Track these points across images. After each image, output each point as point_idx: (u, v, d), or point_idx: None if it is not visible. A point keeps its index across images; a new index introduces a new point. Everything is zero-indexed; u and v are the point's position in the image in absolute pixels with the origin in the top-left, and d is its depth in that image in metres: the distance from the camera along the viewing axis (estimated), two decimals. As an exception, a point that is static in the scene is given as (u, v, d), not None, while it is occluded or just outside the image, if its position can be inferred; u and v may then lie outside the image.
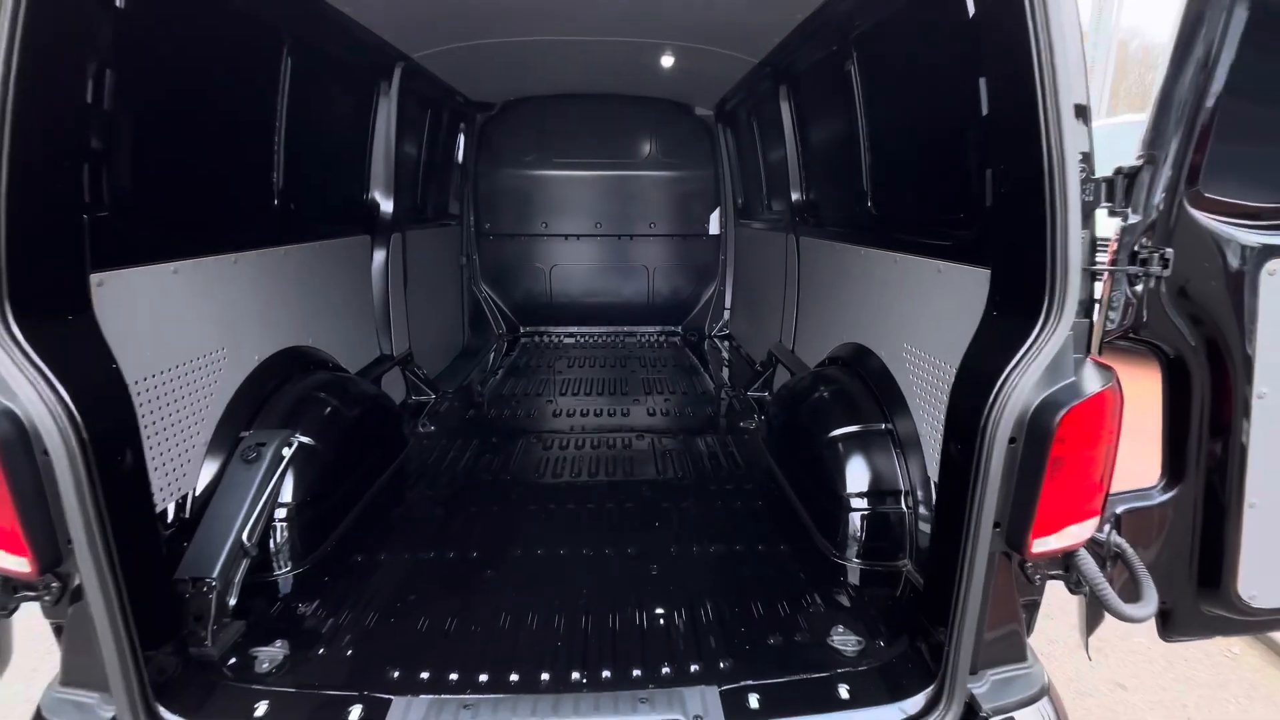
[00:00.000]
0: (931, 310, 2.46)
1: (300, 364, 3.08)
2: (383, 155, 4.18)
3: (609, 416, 4.25)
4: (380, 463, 3.26)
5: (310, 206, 3.38)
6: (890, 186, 2.98)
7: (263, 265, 2.90)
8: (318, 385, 2.98)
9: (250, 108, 2.81)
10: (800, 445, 3.03)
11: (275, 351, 2.95)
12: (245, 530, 2.24)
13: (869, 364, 3.00)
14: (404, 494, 3.12)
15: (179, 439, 2.30)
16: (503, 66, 4.77)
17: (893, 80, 2.80)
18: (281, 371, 2.91)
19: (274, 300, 3.00)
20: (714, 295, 6.67)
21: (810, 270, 4.11)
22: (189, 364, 2.37)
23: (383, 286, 4.21)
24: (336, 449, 2.81)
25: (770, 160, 5.11)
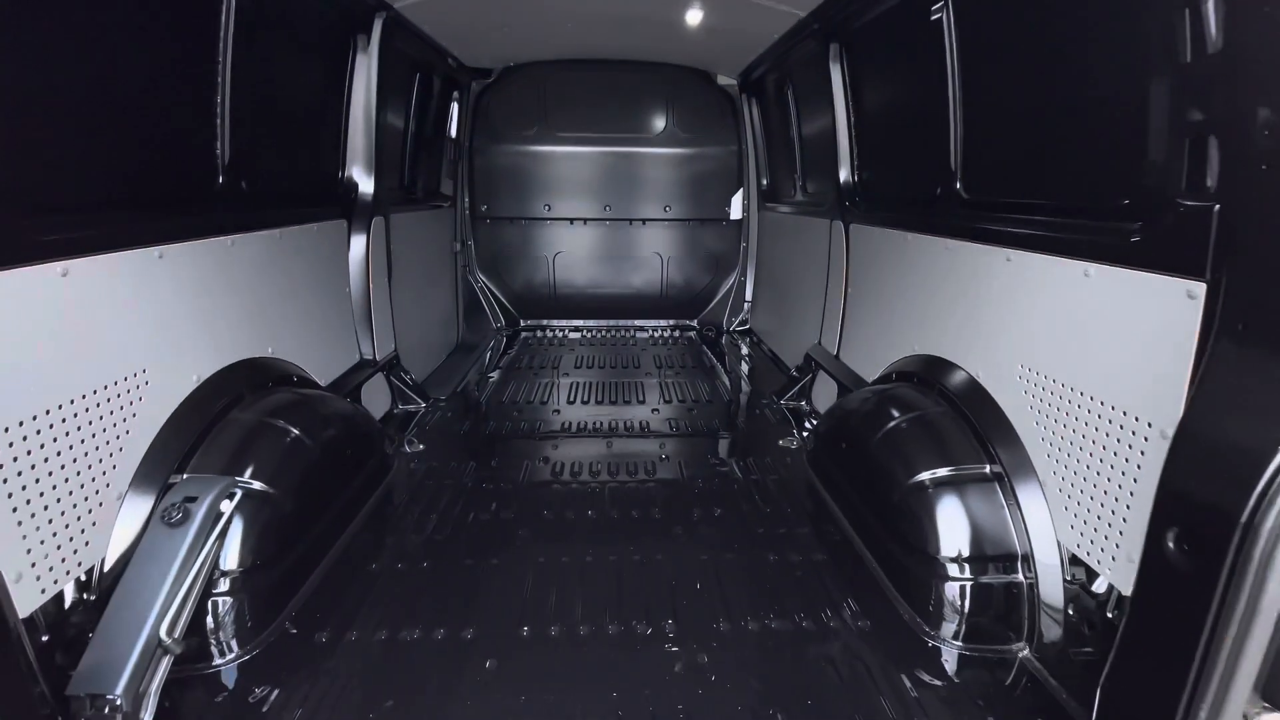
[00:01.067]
0: (1076, 328, 1.88)
1: (256, 381, 2.50)
2: (362, 125, 3.54)
3: (624, 435, 3.68)
4: (356, 500, 2.70)
5: (269, 185, 2.77)
6: (997, 162, 2.38)
7: (203, 260, 2.30)
8: (275, 409, 2.39)
9: (179, 58, 2.18)
10: (872, 485, 2.47)
11: (222, 368, 2.37)
12: (165, 620, 1.68)
13: (956, 385, 2.43)
14: (384, 540, 2.56)
15: (77, 495, 1.72)
16: (499, 22, 4.11)
17: (1014, 22, 2.18)
18: (229, 393, 2.32)
19: (220, 303, 2.40)
20: (734, 287, 6.07)
21: (863, 263, 3.52)
22: (92, 395, 1.78)
23: (363, 279, 3.60)
24: (298, 493, 2.24)
25: (810, 135, 4.48)
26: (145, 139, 2.05)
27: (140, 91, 2.00)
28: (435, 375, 4.79)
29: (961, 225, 2.49)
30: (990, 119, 2.37)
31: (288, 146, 2.96)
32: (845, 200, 3.70)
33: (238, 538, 2.02)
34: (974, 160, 2.48)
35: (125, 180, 1.97)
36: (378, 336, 3.73)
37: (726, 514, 2.77)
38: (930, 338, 2.73)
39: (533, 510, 2.77)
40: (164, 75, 2.10)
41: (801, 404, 4.10)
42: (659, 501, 2.86)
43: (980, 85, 2.39)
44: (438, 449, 3.44)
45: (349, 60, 3.39)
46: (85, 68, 1.79)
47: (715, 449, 3.44)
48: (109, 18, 1.88)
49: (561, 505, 2.82)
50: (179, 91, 2.18)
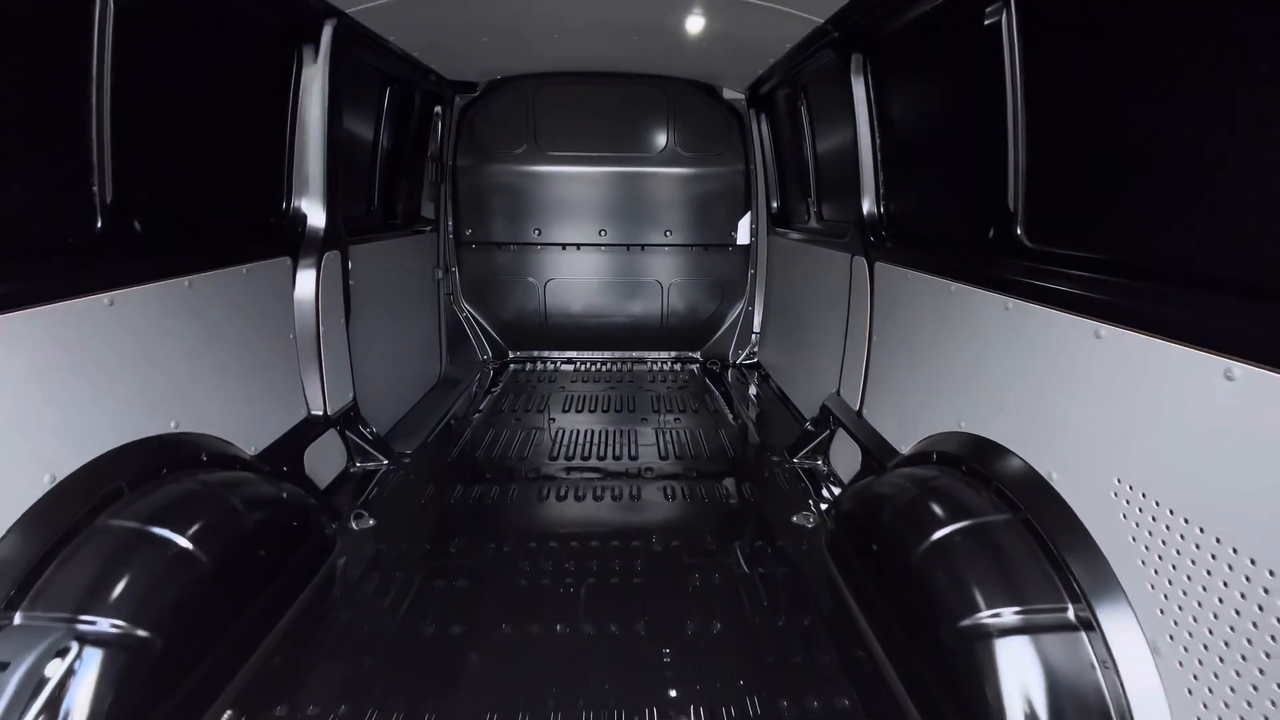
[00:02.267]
0: (1205, 446, 1.36)
1: (148, 468, 2.02)
2: (313, 148, 3.08)
3: (612, 503, 3.17)
4: (273, 609, 2.20)
5: (176, 226, 2.31)
6: (1079, 205, 1.86)
7: (64, 327, 1.82)
8: (159, 510, 1.91)
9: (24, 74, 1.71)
10: (915, 613, 1.95)
11: (94, 459, 1.89)
12: None
13: (1017, 482, 1.91)
14: (302, 669, 2.05)
15: None
16: (477, 32, 3.65)
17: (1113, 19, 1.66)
18: (100, 492, 1.84)
19: (93, 377, 1.92)
20: (740, 317, 5.57)
21: (891, 310, 3.00)
22: None
23: (310, 323, 3.12)
24: (178, 627, 1.75)
25: (827, 156, 3.98)
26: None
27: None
28: (410, 417, 4.31)
29: (1025, 282, 1.96)
30: (1073, 149, 1.85)
31: (205, 177, 2.49)
32: (869, 234, 3.18)
33: (80, 701, 1.53)
34: (1042, 199, 1.96)
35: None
36: (330, 387, 3.25)
37: (729, 629, 2.24)
38: (980, 414, 2.20)
39: (488, 622, 2.25)
40: None
41: (818, 463, 3.57)
42: (648, 608, 2.33)
43: (1054, 105, 1.88)
44: (393, 524, 2.94)
45: (293, 74, 2.93)
46: None
47: (718, 527, 2.92)
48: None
49: (526, 613, 2.30)
50: (24, 116, 1.71)
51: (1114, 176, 1.71)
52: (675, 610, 2.32)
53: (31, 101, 1.72)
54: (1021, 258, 2.03)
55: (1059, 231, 1.90)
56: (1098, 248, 1.75)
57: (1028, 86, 1.92)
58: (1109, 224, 1.72)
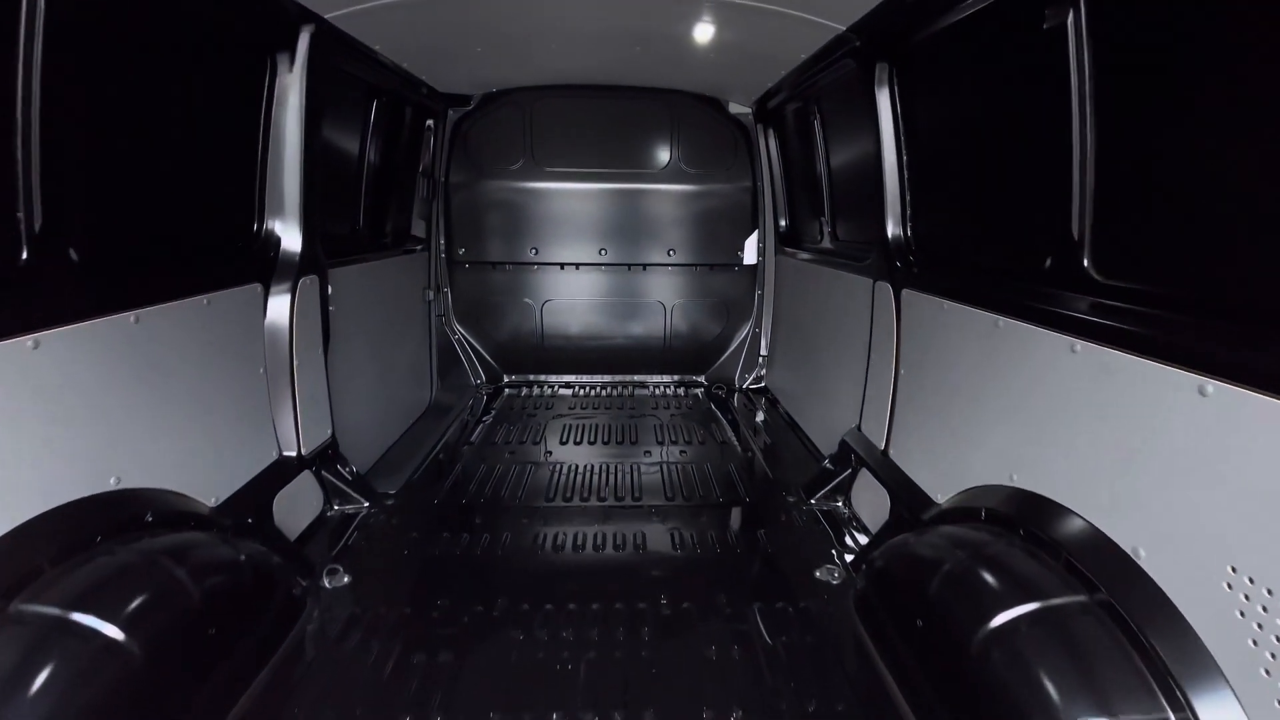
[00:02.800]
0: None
1: (78, 536, 1.73)
2: (287, 164, 2.82)
3: (613, 553, 2.88)
4: (224, 693, 1.89)
5: (119, 253, 2.03)
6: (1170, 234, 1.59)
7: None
8: (85, 590, 1.61)
9: None
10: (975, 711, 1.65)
11: (7, 532, 1.59)
12: None
13: (1093, 556, 1.63)
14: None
15: None
16: (471, 40, 3.42)
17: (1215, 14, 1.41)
18: (14, 571, 1.55)
19: (11, 434, 1.64)
20: (747, 339, 5.31)
21: (922, 342, 2.73)
22: None
23: (283, 355, 2.84)
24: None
25: (842, 173, 3.75)
26: None
27: None
28: (396, 449, 4.03)
29: (1097, 322, 1.70)
30: (1156, 170, 1.59)
31: (159, 199, 2.22)
32: (895, 259, 2.92)
33: None
34: (1116, 227, 1.70)
35: None
36: (305, 425, 2.96)
37: (749, 708, 1.94)
38: (1039, 469, 1.93)
39: (471, 711, 1.95)
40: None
41: (838, 504, 3.29)
42: (658, 692, 2.03)
43: (1133, 118, 1.62)
44: (371, 580, 2.64)
45: (265, 84, 2.68)
46: None
47: (733, 583, 2.62)
48: None
49: (518, 699, 2.00)
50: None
51: (1212, 202, 1.45)
52: (688, 693, 2.02)
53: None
54: (1090, 293, 1.76)
55: (1139, 265, 1.64)
56: (1193, 286, 1.49)
57: (1099, 97, 1.67)
58: (1208, 258, 1.46)
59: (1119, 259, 1.69)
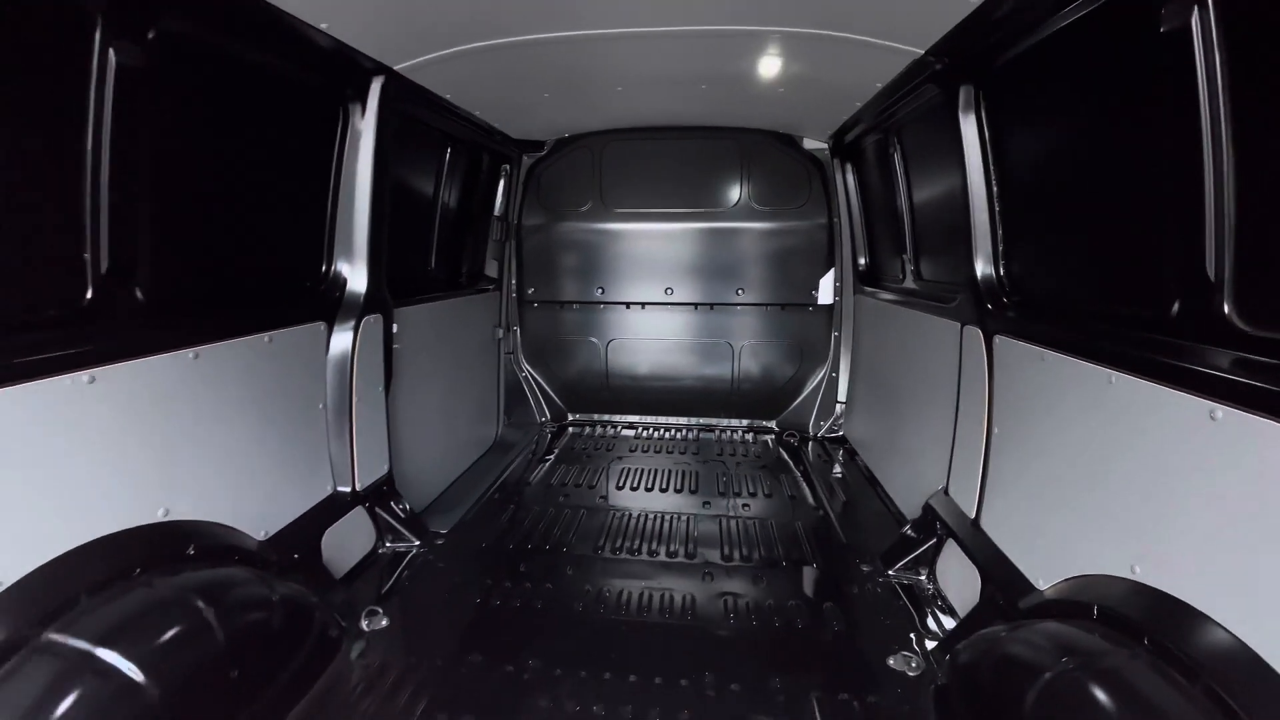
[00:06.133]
0: None
1: (113, 571, 1.76)
2: (358, 208, 2.93)
3: (659, 619, 2.65)
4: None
5: (183, 293, 2.13)
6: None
7: (27, 412, 1.62)
8: (113, 627, 1.62)
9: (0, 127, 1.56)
10: None
11: (49, 561, 1.64)
12: None
13: (1240, 683, 1.25)
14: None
15: None
16: (537, 87, 3.48)
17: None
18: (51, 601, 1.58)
19: (60, 466, 1.70)
20: (823, 384, 4.97)
21: (1019, 396, 2.37)
22: None
23: (342, 392, 2.90)
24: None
25: (925, 206, 3.45)
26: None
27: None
28: (458, 485, 4.03)
29: (1245, 383, 1.34)
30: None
31: (226, 241, 2.34)
32: (984, 300, 2.59)
33: None
34: (1265, 264, 1.36)
35: None
36: (361, 460, 3.00)
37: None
38: (1167, 563, 1.55)
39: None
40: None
41: (920, 578, 2.89)
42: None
43: None
44: (408, 626, 2.58)
45: (337, 132, 2.82)
46: None
47: (790, 666, 2.32)
48: None
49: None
50: None
51: None
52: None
53: (10, 163, 1.56)
54: (1232, 345, 1.41)
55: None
56: None
57: (1236, 107, 1.36)
58: None
59: (1270, 304, 1.34)
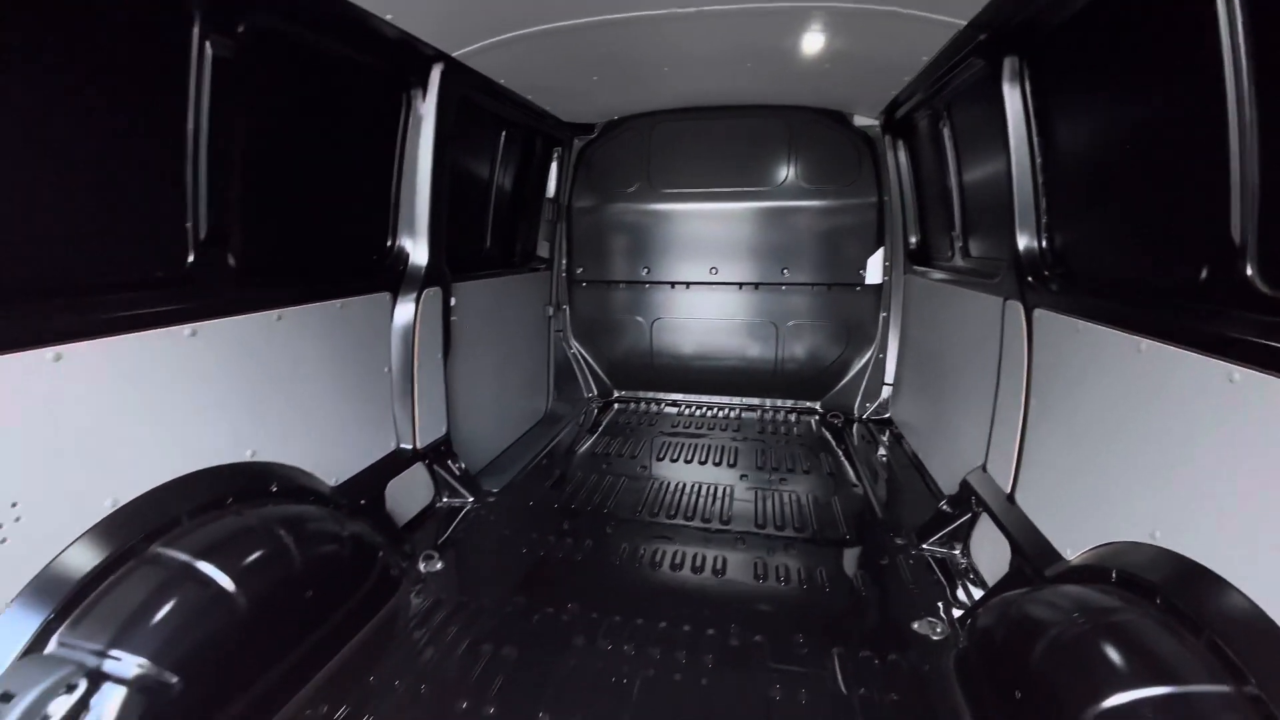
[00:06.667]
0: None
1: (215, 495, 2.04)
2: (418, 188, 3.17)
3: (692, 575, 2.78)
4: (313, 658, 2.10)
5: (269, 261, 2.40)
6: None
7: (143, 355, 1.90)
8: (211, 544, 1.89)
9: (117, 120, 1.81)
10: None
11: (159, 485, 1.93)
12: None
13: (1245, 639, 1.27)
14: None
15: None
16: (586, 70, 3.61)
17: None
18: (160, 518, 1.87)
19: (167, 405, 1.99)
20: (869, 365, 4.93)
21: (1056, 370, 2.35)
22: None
23: (405, 358, 3.16)
24: (203, 669, 1.68)
25: (974, 183, 3.40)
26: (48, 216, 1.67)
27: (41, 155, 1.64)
28: (508, 453, 4.28)
29: (1262, 344, 1.34)
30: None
31: (304, 215, 2.60)
32: (1026, 273, 2.56)
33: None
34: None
35: (6, 265, 1.58)
36: (422, 421, 3.26)
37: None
38: (1187, 526, 1.55)
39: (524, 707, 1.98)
40: (88, 137, 1.75)
41: (954, 552, 2.91)
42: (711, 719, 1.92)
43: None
44: (461, 570, 2.82)
45: (402, 116, 3.04)
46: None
47: (814, 624, 2.41)
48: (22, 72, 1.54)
49: (569, 705, 1.99)
50: (114, 156, 1.82)
51: None
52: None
53: (126, 144, 1.83)
54: (1254, 308, 1.41)
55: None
56: None
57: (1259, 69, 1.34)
58: None
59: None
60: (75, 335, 1.69)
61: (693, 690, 2.06)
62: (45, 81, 1.61)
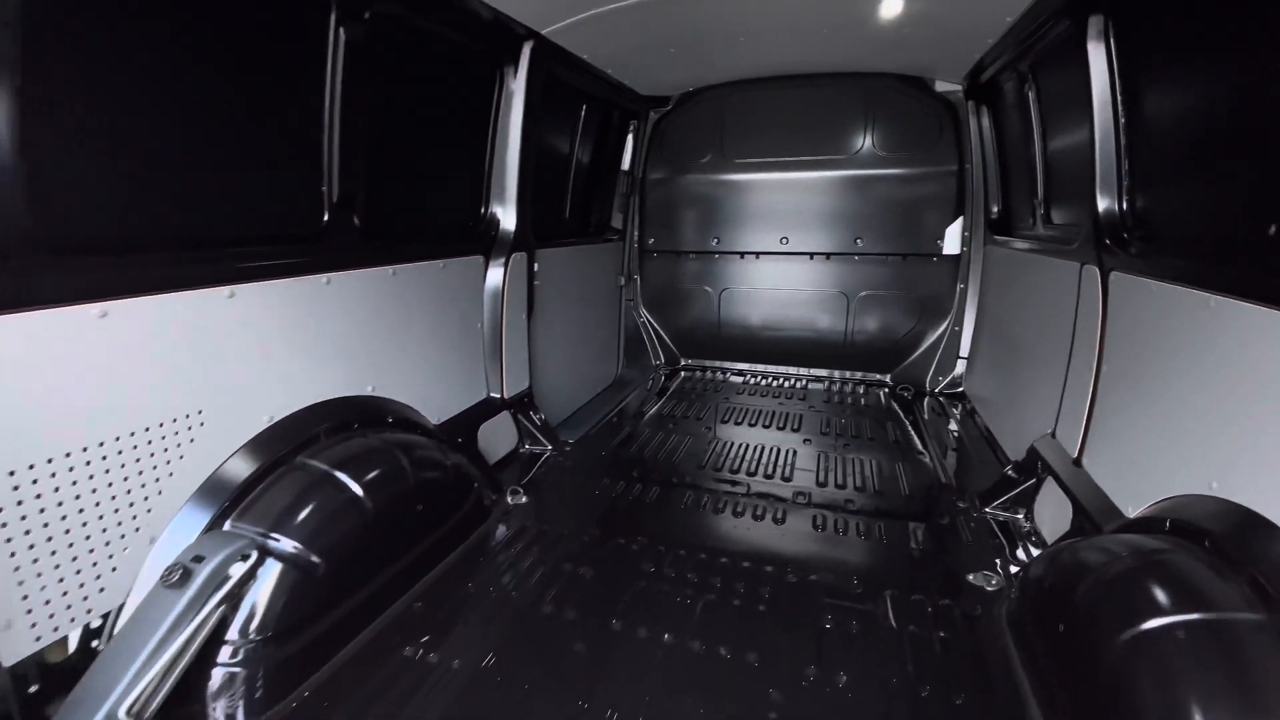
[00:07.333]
0: None
1: (345, 419, 2.41)
2: (509, 160, 3.45)
3: (751, 520, 2.96)
4: (422, 563, 2.46)
5: (385, 222, 2.73)
6: None
7: (291, 298, 2.27)
8: (345, 458, 2.25)
9: (273, 98, 2.16)
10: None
11: (304, 407, 2.31)
12: (131, 696, 1.52)
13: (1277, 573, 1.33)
14: (432, 623, 2.24)
15: (98, 539, 1.69)
16: (664, 43, 3.76)
17: None
18: (304, 434, 2.24)
19: (310, 341, 2.36)
20: (944, 338, 4.87)
21: (1129, 333, 2.34)
22: (128, 437, 1.75)
23: (495, 316, 3.48)
24: (338, 558, 2.04)
25: (1060, 149, 3.32)
26: (225, 178, 2.03)
27: (219, 128, 1.99)
28: (581, 411, 4.58)
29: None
30: None
31: (414, 183, 2.92)
32: (1104, 236, 2.53)
33: (257, 602, 1.86)
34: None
35: (195, 218, 1.95)
36: (509, 374, 3.59)
37: (855, 685, 1.92)
38: (1244, 477, 1.59)
39: (600, 613, 2.25)
40: (253, 112, 2.09)
41: (1017, 516, 2.94)
42: (764, 639, 2.12)
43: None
44: (543, 505, 3.13)
45: (496, 92, 3.32)
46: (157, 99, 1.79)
47: (869, 571, 2.55)
48: (198, 57, 1.89)
49: (638, 615, 2.25)
50: (270, 129, 2.17)
51: None
52: (796, 650, 2.07)
53: (278, 118, 2.18)
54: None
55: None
56: None
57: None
58: None
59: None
60: (243, 278, 2.06)
61: (750, 614, 2.26)
62: (222, 73, 1.95)
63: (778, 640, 2.12)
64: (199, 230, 1.96)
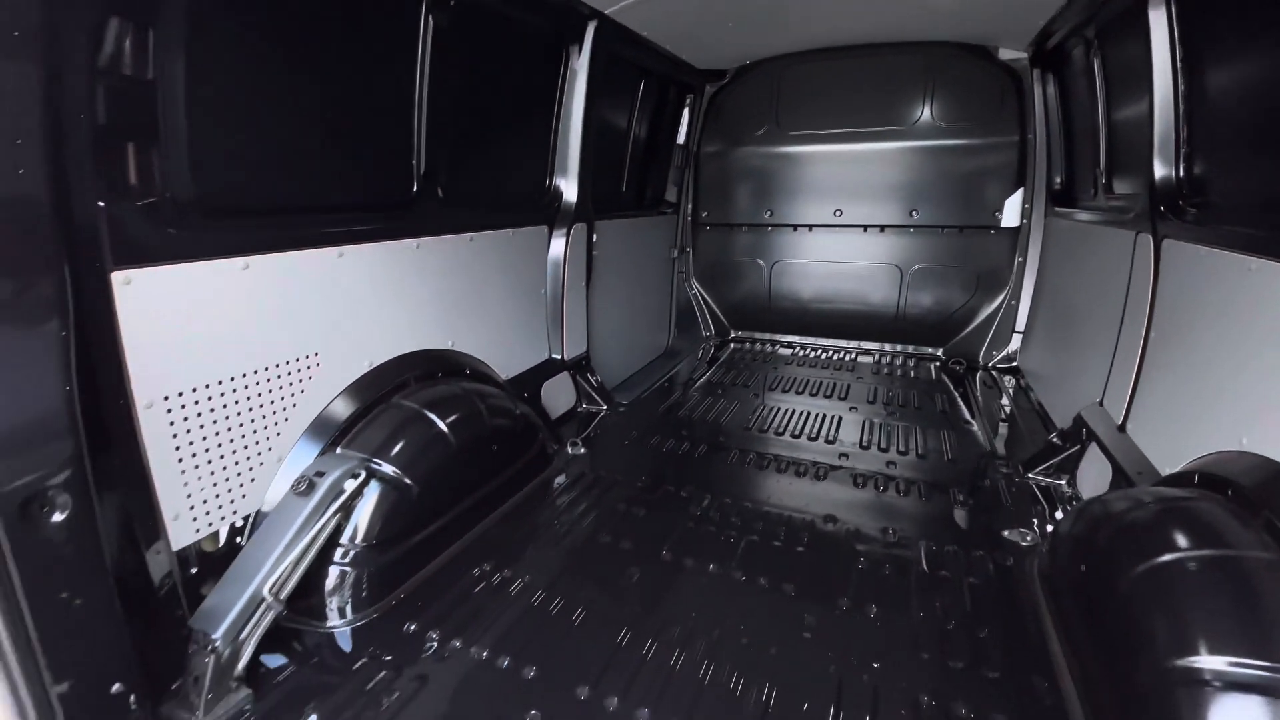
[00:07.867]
0: None
1: (429, 370, 2.73)
2: (572, 135, 3.67)
3: (795, 476, 3.14)
4: (496, 496, 2.77)
5: (466, 193, 3.00)
6: None
7: (387, 259, 2.57)
8: (432, 400, 2.57)
9: (375, 81, 2.44)
10: (1115, 649, 1.60)
11: (397, 356, 2.63)
12: (271, 579, 1.87)
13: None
14: (505, 548, 2.54)
15: (241, 455, 2.04)
16: (723, 17, 3.86)
17: None
18: (398, 379, 2.56)
19: (402, 298, 2.67)
20: (1000, 312, 4.84)
21: (1179, 300, 2.37)
22: (265, 371, 2.09)
23: (557, 283, 3.74)
24: (428, 483, 2.35)
25: (1123, 117, 3.26)
26: (336, 153, 2.34)
27: (332, 109, 2.28)
28: (634, 377, 4.82)
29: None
30: None
31: (488, 157, 3.18)
32: (1159, 204, 2.54)
33: (364, 515, 2.19)
34: None
35: (313, 188, 2.26)
36: (569, 337, 3.85)
37: (885, 616, 2.10)
38: (1272, 431, 1.66)
39: (651, 546, 2.50)
40: (359, 94, 2.38)
41: (1060, 482, 3.01)
42: (801, 573, 2.32)
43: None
44: (600, 456, 3.40)
45: (561, 71, 3.52)
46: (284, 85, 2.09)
47: (905, 521, 2.70)
48: (308, 44, 2.17)
49: (686, 548, 2.48)
50: (372, 109, 2.45)
51: None
52: (830, 584, 2.26)
53: (379, 99, 2.46)
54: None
55: None
56: None
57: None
58: None
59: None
60: (350, 240, 2.37)
61: (788, 554, 2.46)
62: (339, 64, 2.24)
63: (814, 576, 2.32)
64: (317, 198, 2.27)
